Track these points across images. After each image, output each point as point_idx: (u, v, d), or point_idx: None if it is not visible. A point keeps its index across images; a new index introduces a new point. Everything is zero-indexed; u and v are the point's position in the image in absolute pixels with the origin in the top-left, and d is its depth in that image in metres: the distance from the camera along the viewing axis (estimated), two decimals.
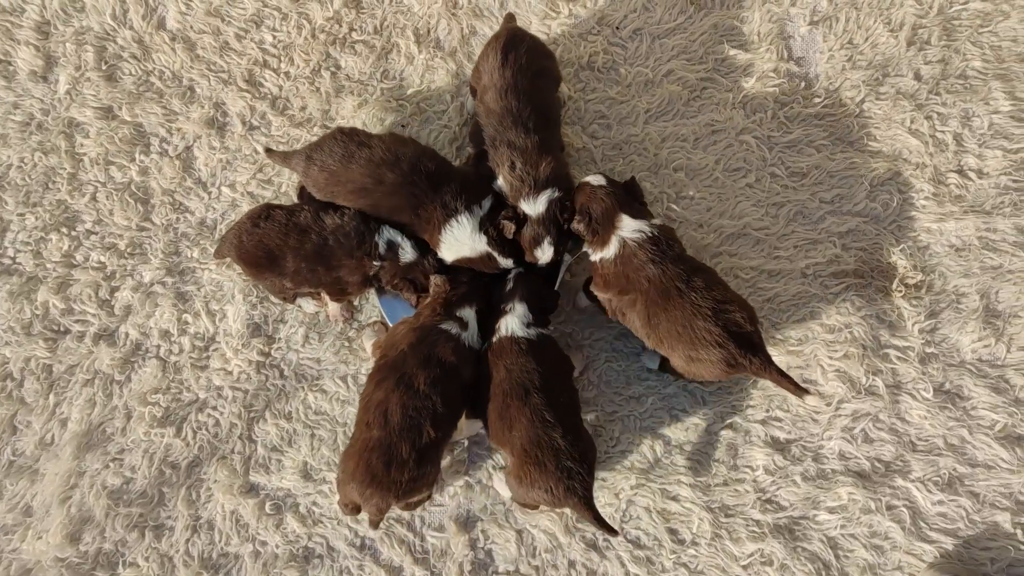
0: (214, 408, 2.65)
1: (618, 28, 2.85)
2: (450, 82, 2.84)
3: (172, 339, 2.70)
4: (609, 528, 2.15)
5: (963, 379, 2.56)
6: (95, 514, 2.57)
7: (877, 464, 2.53)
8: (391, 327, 2.45)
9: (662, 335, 2.26)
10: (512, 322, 2.34)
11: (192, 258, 2.75)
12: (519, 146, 2.38)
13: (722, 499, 2.53)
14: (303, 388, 2.66)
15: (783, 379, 2.23)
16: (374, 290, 2.54)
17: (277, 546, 2.54)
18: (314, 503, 2.57)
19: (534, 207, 2.38)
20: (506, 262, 2.44)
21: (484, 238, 2.39)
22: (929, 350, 2.59)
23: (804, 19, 2.85)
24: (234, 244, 2.42)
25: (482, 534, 2.53)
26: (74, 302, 2.73)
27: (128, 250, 2.77)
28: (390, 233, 2.41)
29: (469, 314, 2.38)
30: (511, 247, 2.43)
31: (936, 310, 2.62)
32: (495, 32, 2.60)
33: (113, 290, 2.74)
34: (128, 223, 2.78)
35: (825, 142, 2.76)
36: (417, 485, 2.20)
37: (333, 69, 2.87)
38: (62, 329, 2.72)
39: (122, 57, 2.90)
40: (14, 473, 2.62)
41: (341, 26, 2.90)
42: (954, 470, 2.51)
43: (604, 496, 2.52)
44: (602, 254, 2.34)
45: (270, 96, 2.86)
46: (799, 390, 2.25)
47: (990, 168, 2.70)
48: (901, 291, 2.62)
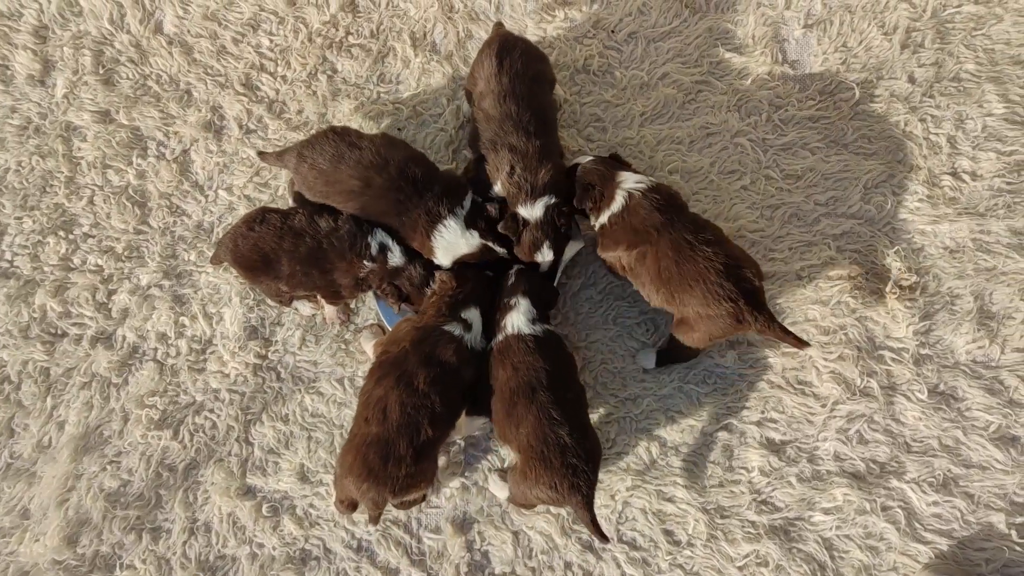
0: (211, 411, 2.65)
1: (613, 32, 2.87)
2: (446, 85, 2.85)
3: (169, 342, 2.71)
4: (601, 533, 2.16)
5: (957, 380, 2.57)
6: (92, 517, 2.57)
7: (872, 465, 2.54)
8: (395, 324, 2.45)
9: (674, 289, 2.29)
10: (517, 319, 2.35)
11: (189, 261, 2.76)
12: (520, 150, 2.39)
13: (718, 500, 2.54)
14: (300, 390, 2.66)
15: (786, 335, 2.30)
16: (372, 292, 2.54)
17: (274, 548, 2.55)
18: (311, 505, 2.58)
19: (532, 212, 2.40)
20: (502, 250, 2.47)
21: (476, 232, 2.42)
22: (923, 352, 2.60)
23: (798, 22, 2.86)
24: (230, 248, 2.42)
25: (478, 536, 2.54)
26: (71, 305, 2.73)
27: (125, 253, 2.77)
28: (382, 236, 2.42)
29: (474, 315, 2.38)
30: (502, 235, 2.45)
31: (930, 312, 2.63)
32: (487, 38, 2.61)
33: (110, 293, 2.75)
34: (125, 226, 2.79)
35: (820, 144, 2.77)
36: (414, 481, 2.21)
37: (330, 73, 2.88)
38: (59, 332, 2.72)
39: (119, 61, 2.91)
40: (11, 476, 2.62)
41: (337, 30, 2.91)
42: (949, 471, 2.52)
43: (600, 498, 2.52)
44: (609, 211, 2.38)
45: (267, 100, 2.87)
46: (800, 343, 2.33)
47: (984, 170, 2.71)
48: (895, 293, 2.62)
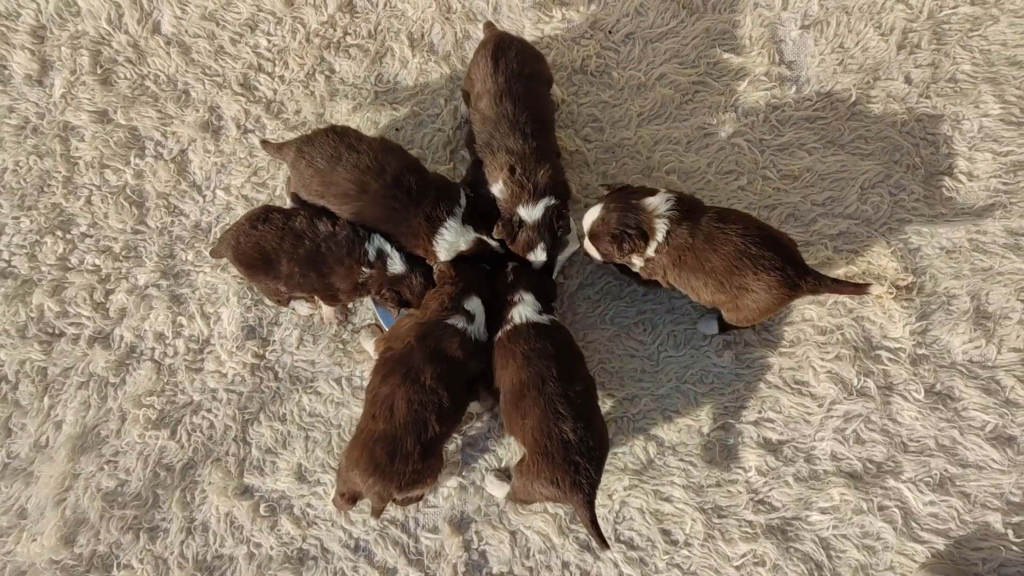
0: (208, 410, 2.65)
1: (611, 32, 2.87)
2: (444, 86, 2.85)
3: (167, 342, 2.71)
4: (601, 536, 2.15)
5: (954, 380, 2.58)
6: (90, 516, 2.57)
7: (869, 465, 2.54)
8: (396, 320, 2.46)
9: (721, 276, 2.29)
10: (525, 310, 2.36)
11: (187, 261, 2.76)
12: (517, 151, 2.39)
13: (715, 500, 2.54)
14: (297, 390, 2.66)
15: (843, 286, 2.37)
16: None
17: (271, 548, 2.55)
18: (308, 505, 2.58)
19: (531, 213, 2.40)
20: (495, 242, 2.48)
21: (471, 227, 2.45)
22: (920, 351, 2.61)
23: (795, 23, 2.87)
24: (231, 245, 2.43)
25: (476, 535, 2.54)
26: (69, 305, 2.73)
27: (123, 253, 2.77)
28: (380, 242, 2.42)
29: (476, 305, 2.38)
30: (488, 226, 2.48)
31: (927, 312, 2.64)
32: (482, 39, 2.61)
33: (108, 293, 2.75)
34: (123, 226, 2.79)
35: (816, 145, 2.77)
36: (420, 477, 2.22)
37: (327, 73, 2.88)
38: (57, 332, 2.72)
39: (117, 61, 2.91)
40: (9, 475, 2.62)
41: (335, 30, 2.91)
42: (945, 471, 2.52)
43: (598, 497, 2.49)
44: (654, 242, 2.34)
45: (265, 100, 2.87)
46: (861, 288, 2.39)
47: (980, 171, 2.72)
48: (892, 293, 2.63)
